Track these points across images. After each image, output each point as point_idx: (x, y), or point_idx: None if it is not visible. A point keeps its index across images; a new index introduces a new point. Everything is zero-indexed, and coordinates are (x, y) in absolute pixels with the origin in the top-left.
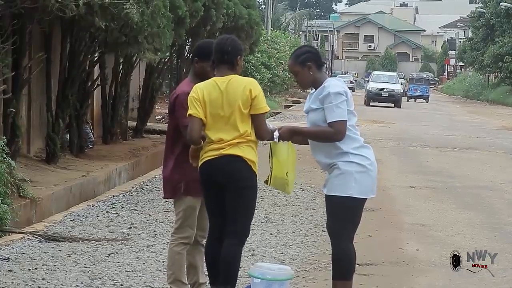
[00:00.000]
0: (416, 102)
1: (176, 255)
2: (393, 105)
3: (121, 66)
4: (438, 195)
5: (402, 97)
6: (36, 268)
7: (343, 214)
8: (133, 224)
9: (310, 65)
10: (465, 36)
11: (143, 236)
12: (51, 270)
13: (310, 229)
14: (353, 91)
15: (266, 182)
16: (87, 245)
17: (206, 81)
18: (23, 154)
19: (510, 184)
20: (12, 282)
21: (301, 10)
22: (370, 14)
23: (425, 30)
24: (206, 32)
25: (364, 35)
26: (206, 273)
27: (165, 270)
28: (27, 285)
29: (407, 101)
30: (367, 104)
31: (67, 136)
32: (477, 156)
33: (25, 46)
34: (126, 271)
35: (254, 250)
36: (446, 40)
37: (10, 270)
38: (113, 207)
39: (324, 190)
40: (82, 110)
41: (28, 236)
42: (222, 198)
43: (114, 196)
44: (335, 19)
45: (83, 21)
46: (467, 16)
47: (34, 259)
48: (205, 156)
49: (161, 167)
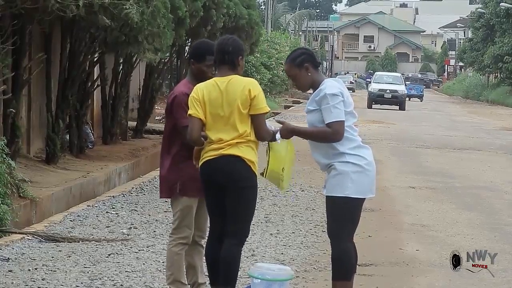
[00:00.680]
0: (410, 100)
1: (174, 256)
2: (397, 107)
3: (121, 67)
4: (438, 196)
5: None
6: (36, 268)
7: (342, 215)
8: (133, 224)
9: (307, 66)
10: (465, 36)
11: (143, 236)
12: (51, 270)
13: (310, 229)
14: (352, 92)
15: (262, 174)
16: (87, 245)
17: (207, 81)
18: (23, 154)
19: (510, 184)
20: (12, 283)
21: (301, 11)
22: (370, 15)
23: (425, 31)
24: (207, 32)
25: (364, 36)
26: (206, 273)
27: (165, 270)
28: (27, 285)
29: None
30: (369, 106)
31: (67, 136)
32: (477, 156)
33: (25, 46)
34: (126, 272)
35: (254, 251)
36: (446, 40)
37: (10, 271)
38: (113, 208)
39: (323, 191)
40: (82, 111)
41: (28, 236)
42: (222, 198)
43: (114, 196)
44: (335, 20)
45: (83, 21)
46: (467, 16)
47: (34, 260)
48: (205, 156)
49: None
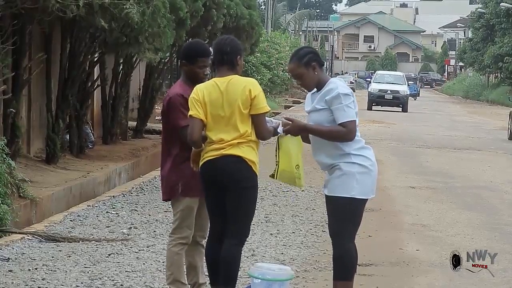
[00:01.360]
0: None
1: (174, 256)
2: (400, 109)
3: (121, 67)
4: (438, 196)
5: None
6: (36, 268)
7: (345, 215)
8: (133, 224)
9: (314, 65)
10: (465, 36)
11: (143, 236)
12: (51, 270)
13: (310, 229)
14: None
15: (272, 176)
16: (87, 245)
17: (207, 82)
18: (23, 154)
19: (510, 184)
20: (12, 283)
21: (301, 11)
22: (370, 15)
23: (425, 31)
24: (207, 32)
25: (364, 36)
26: (206, 273)
27: (164, 270)
28: (27, 285)
29: None
30: (369, 108)
31: (67, 136)
32: (477, 156)
33: (25, 46)
34: (126, 271)
35: (254, 250)
36: (446, 40)
37: (10, 271)
38: (113, 208)
39: (324, 190)
40: (82, 111)
41: (28, 236)
42: (222, 198)
43: (114, 196)
44: (335, 20)
45: (83, 21)
46: (467, 16)
47: (34, 259)
48: (206, 156)
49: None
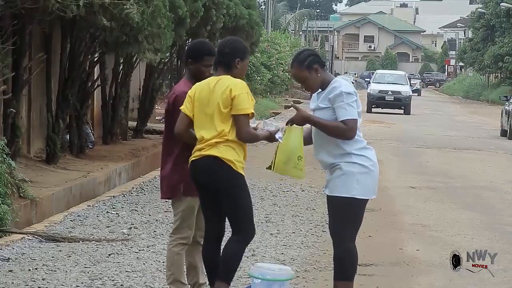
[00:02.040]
0: None
1: (175, 256)
2: (402, 111)
3: (121, 67)
4: (438, 196)
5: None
6: (36, 268)
7: (345, 215)
8: (133, 224)
9: (316, 67)
10: (465, 36)
11: (143, 236)
12: (51, 270)
13: (310, 229)
14: None
15: (270, 168)
16: (87, 245)
17: (205, 79)
18: (23, 154)
19: (510, 184)
20: (12, 283)
21: (301, 10)
22: (370, 15)
23: (425, 31)
24: (206, 32)
25: (364, 36)
26: (205, 273)
27: (165, 270)
28: (27, 285)
29: None
30: (369, 110)
31: (67, 136)
32: (477, 156)
33: (25, 46)
34: (126, 272)
35: (254, 251)
36: (446, 40)
37: (10, 271)
38: (113, 208)
39: (325, 190)
40: (82, 111)
41: (28, 236)
42: (210, 198)
43: (114, 196)
44: (335, 20)
45: (84, 21)
46: (467, 16)
47: (34, 260)
48: (191, 157)
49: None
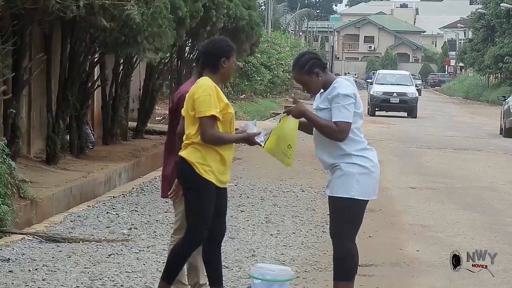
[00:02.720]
0: None
1: None
2: (405, 114)
3: (121, 67)
4: (438, 196)
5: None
6: (36, 269)
7: (345, 215)
8: (133, 225)
9: (317, 71)
10: (465, 37)
11: (144, 237)
12: (52, 271)
13: (311, 229)
14: None
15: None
16: (87, 246)
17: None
18: (24, 155)
19: (510, 184)
20: (12, 283)
21: (301, 11)
22: (370, 15)
23: (425, 31)
24: (206, 32)
25: (364, 36)
26: (205, 274)
27: None
28: (27, 286)
29: None
30: (372, 113)
31: (67, 136)
32: (477, 157)
33: (25, 47)
34: (126, 272)
35: (254, 251)
36: (446, 41)
37: (10, 271)
38: (113, 208)
39: (327, 191)
40: (82, 111)
41: (28, 237)
42: None
43: (114, 197)
44: (335, 20)
45: (84, 22)
46: (467, 17)
47: (35, 260)
48: None
49: (161, 168)
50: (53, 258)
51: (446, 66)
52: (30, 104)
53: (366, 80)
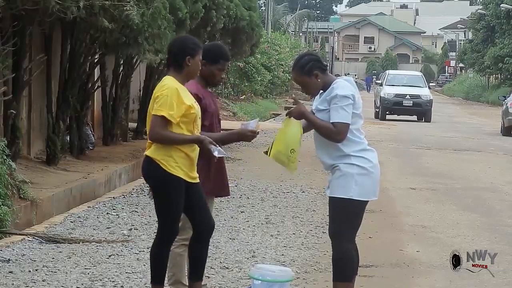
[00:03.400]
0: None
1: (177, 257)
2: (416, 117)
3: (121, 68)
4: (438, 197)
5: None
6: (36, 269)
7: (344, 216)
8: (133, 225)
9: (317, 73)
10: (465, 37)
11: (144, 237)
12: (52, 271)
13: (311, 230)
14: None
15: (266, 153)
16: (88, 246)
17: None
18: (24, 155)
19: (511, 185)
20: (12, 284)
21: (300, 11)
22: (371, 16)
23: (425, 32)
24: (207, 33)
25: (364, 37)
26: (206, 274)
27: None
28: (28, 286)
29: None
30: (382, 117)
31: (68, 137)
32: (477, 157)
33: (25, 47)
34: (126, 273)
35: (254, 252)
36: (447, 41)
37: (10, 272)
38: (113, 209)
39: (327, 191)
40: (82, 112)
41: (28, 237)
42: None
43: (114, 197)
44: (335, 21)
45: (84, 22)
46: (467, 17)
47: (35, 261)
48: None
49: None
50: (53, 259)
51: (446, 67)
52: (30, 105)
53: (366, 81)
